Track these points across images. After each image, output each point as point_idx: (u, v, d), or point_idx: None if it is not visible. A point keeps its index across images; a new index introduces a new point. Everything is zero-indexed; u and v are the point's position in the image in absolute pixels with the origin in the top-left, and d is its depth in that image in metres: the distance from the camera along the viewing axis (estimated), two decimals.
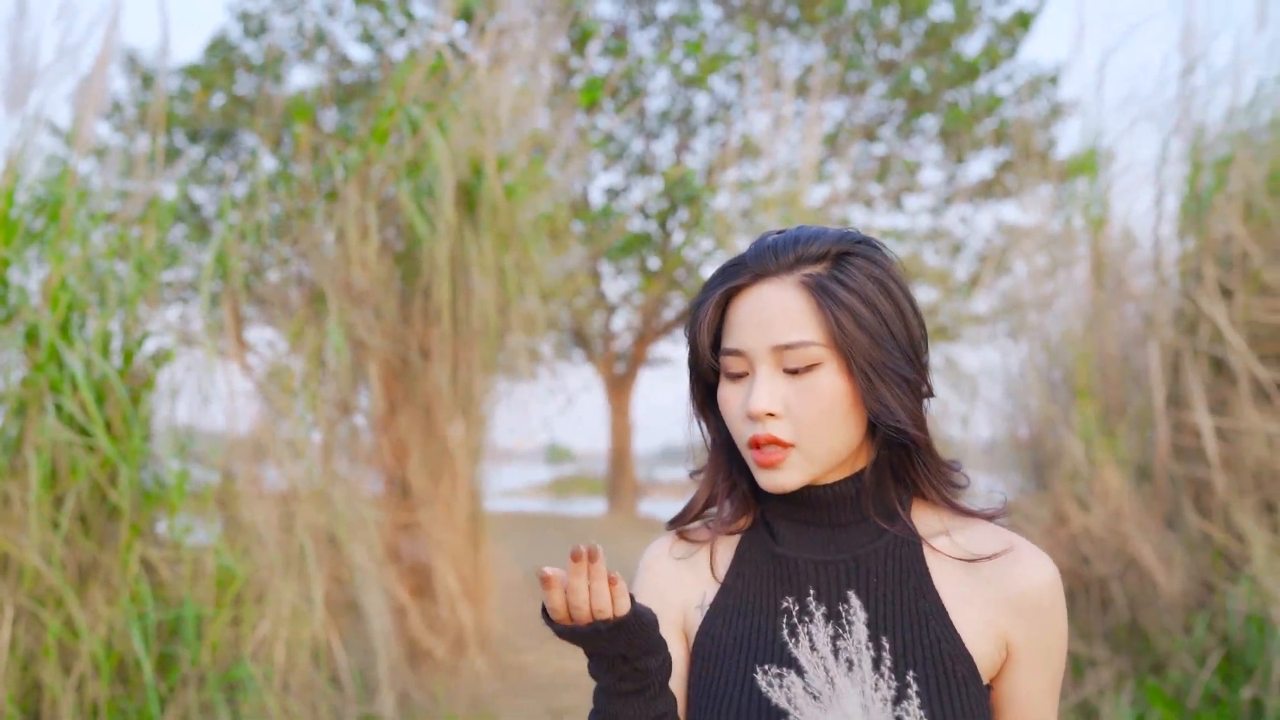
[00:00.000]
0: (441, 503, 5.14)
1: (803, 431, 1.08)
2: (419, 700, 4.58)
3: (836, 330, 1.06)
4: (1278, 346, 4.72)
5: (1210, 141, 5.10)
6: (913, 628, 1.07)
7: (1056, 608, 1.10)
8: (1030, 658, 1.08)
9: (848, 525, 1.13)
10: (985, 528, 1.13)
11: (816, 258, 1.10)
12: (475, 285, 4.93)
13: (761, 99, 7.46)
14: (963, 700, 1.04)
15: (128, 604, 3.37)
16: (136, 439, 3.57)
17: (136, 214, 3.98)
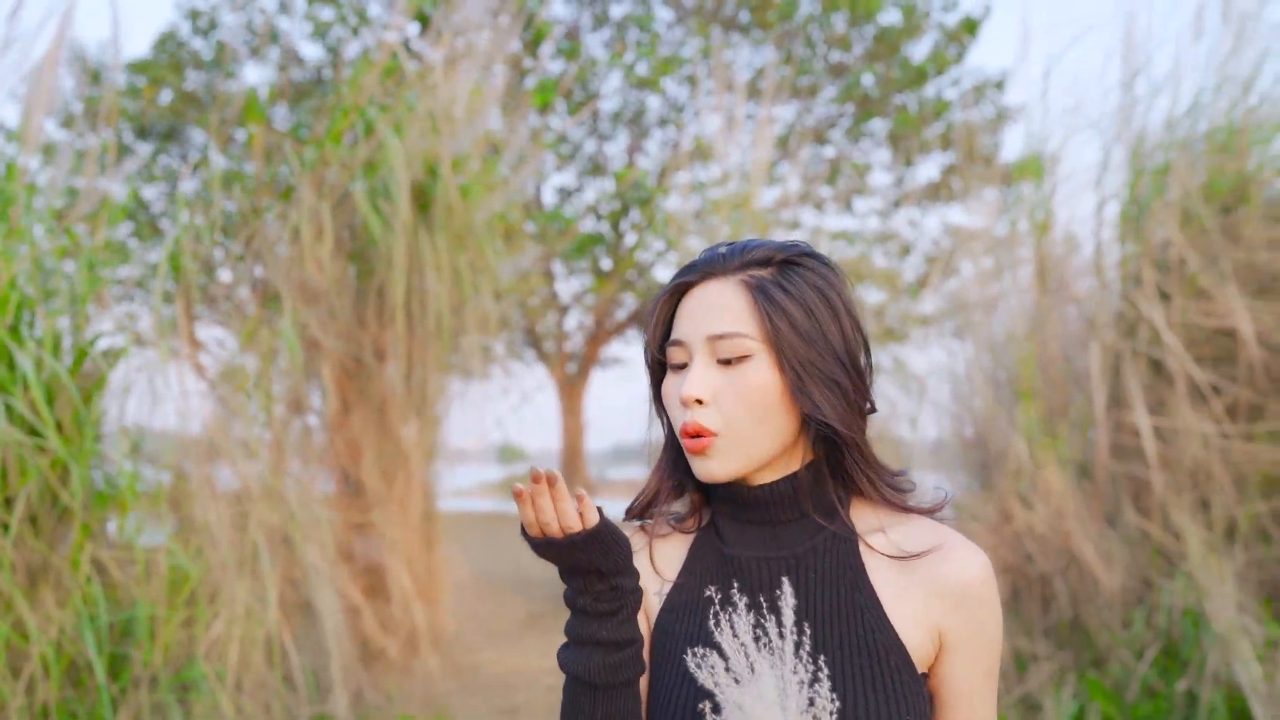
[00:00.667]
0: (395, 502, 5.14)
1: (729, 420, 1.13)
2: (372, 699, 4.58)
3: (770, 326, 1.12)
4: (1213, 349, 4.85)
5: (1150, 149, 5.23)
6: (848, 620, 1.12)
7: (988, 599, 1.14)
8: (963, 647, 1.13)
9: (787, 523, 1.18)
10: (921, 524, 1.18)
11: (762, 261, 1.16)
12: (430, 285, 4.94)
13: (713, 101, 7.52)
14: (896, 688, 1.09)
15: (79, 605, 3.35)
16: (88, 439, 3.55)
17: (86, 212, 3.96)
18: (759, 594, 1.15)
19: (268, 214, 4.80)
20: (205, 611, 3.71)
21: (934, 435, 6.05)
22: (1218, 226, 4.84)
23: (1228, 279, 4.67)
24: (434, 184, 5.01)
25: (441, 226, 4.98)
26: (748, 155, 7.12)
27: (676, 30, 12.44)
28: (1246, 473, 4.65)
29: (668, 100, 12.37)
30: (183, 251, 4.29)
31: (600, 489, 15.88)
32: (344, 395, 5.06)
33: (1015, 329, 5.41)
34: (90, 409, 3.65)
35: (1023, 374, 5.20)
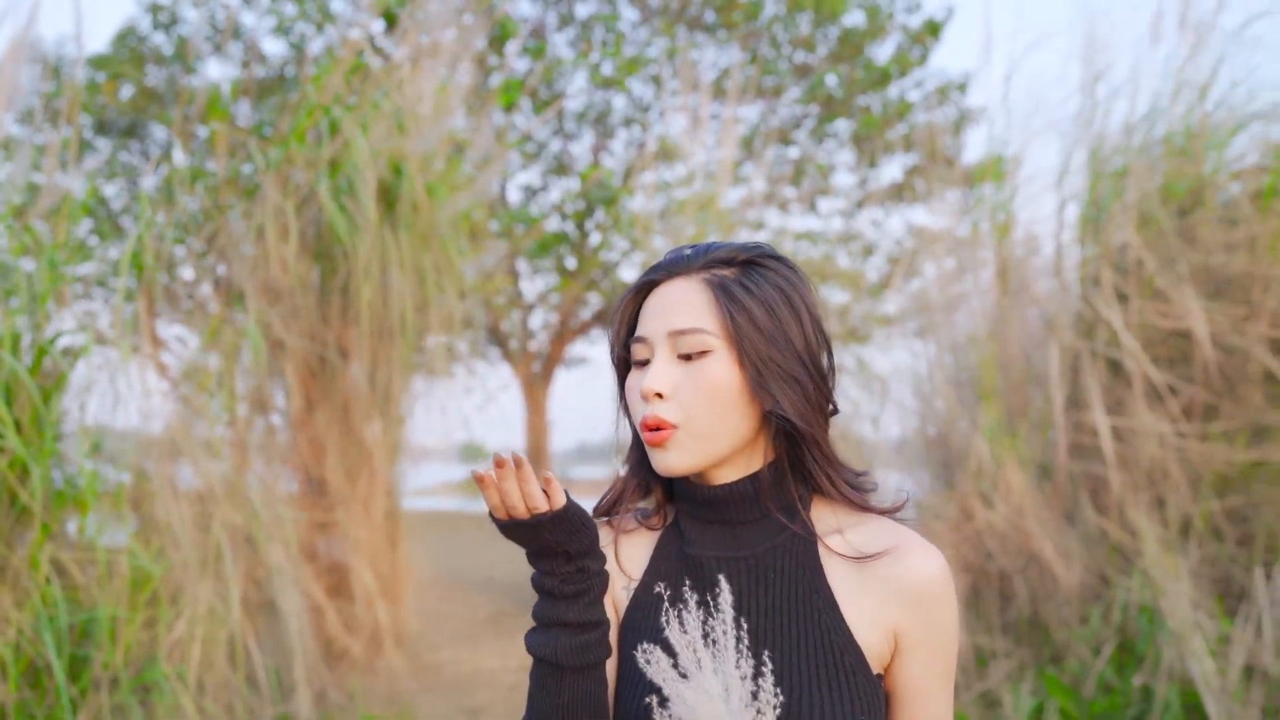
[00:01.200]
0: (358, 501, 5.12)
1: (688, 413, 1.15)
2: (335, 699, 4.57)
3: (730, 323, 1.14)
4: (1170, 350, 4.93)
5: (1109, 153, 5.30)
6: (806, 621, 1.14)
7: (943, 599, 1.15)
8: (919, 647, 1.14)
9: (749, 523, 1.20)
10: (880, 524, 1.20)
11: (726, 261, 1.18)
12: (394, 284, 4.93)
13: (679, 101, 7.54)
14: (851, 688, 1.11)
15: (39, 606, 3.32)
16: (47, 439, 3.51)
17: (47, 209, 3.92)
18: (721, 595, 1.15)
19: (231, 212, 4.77)
20: (167, 612, 3.69)
21: (897, 435, 6.10)
22: (1174, 229, 4.91)
23: (1184, 281, 4.74)
24: (399, 182, 5.00)
25: (406, 225, 4.97)
26: (713, 155, 7.15)
27: (641, 30, 12.46)
28: (1201, 472, 4.72)
29: (633, 100, 12.38)
30: (145, 249, 4.26)
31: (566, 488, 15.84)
32: (308, 394, 5.03)
33: (977, 330, 5.47)
34: (50, 408, 3.61)
35: (984, 374, 5.26)
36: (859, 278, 9.74)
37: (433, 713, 4.92)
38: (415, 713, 4.85)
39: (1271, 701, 4.01)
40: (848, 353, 6.94)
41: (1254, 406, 4.71)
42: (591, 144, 13.02)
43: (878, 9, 11.87)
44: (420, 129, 5.04)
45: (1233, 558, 4.64)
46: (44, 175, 4.30)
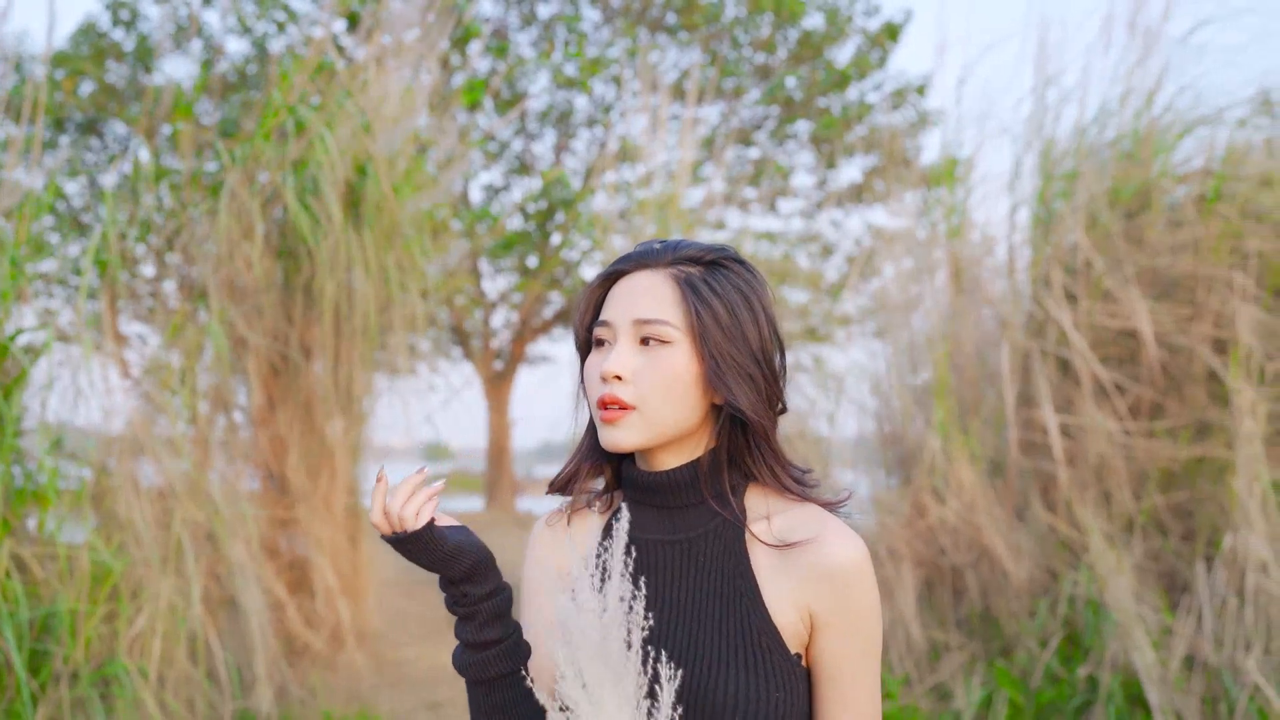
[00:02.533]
0: (320, 499, 5.15)
1: (645, 398, 1.22)
2: (296, 694, 4.59)
3: (694, 318, 1.21)
4: (1118, 349, 5.05)
5: (1059, 156, 5.42)
6: (728, 602, 1.22)
7: (858, 582, 1.21)
8: (834, 627, 1.21)
9: (686, 508, 1.27)
10: (808, 511, 1.26)
11: (693, 259, 1.26)
12: (357, 283, 4.96)
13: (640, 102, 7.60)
14: (766, 667, 1.18)
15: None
16: (8, 435, 3.53)
17: (9, 207, 3.92)
18: (652, 574, 1.25)
19: (195, 210, 4.79)
20: (128, 607, 3.71)
21: (853, 433, 6.20)
22: (1122, 231, 5.04)
23: (1131, 282, 4.87)
24: (363, 182, 5.03)
25: (370, 224, 5.00)
26: (673, 155, 7.21)
27: (604, 30, 12.51)
28: (1147, 468, 4.85)
29: (595, 100, 12.43)
30: (108, 247, 4.27)
31: (528, 487, 15.89)
32: (269, 392, 5.06)
33: (932, 329, 5.57)
34: (10, 404, 3.63)
35: (937, 373, 5.36)
36: (818, 278, 9.85)
37: (394, 708, 4.95)
38: (377, 708, 4.89)
39: (1210, 691, 4.14)
40: (805, 352, 7.03)
41: (1198, 404, 4.84)
42: (554, 144, 13.06)
43: (837, 12, 11.99)
44: (385, 129, 5.07)
45: (1177, 552, 4.77)
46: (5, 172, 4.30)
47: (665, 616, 1.23)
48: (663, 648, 1.21)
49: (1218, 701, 4.11)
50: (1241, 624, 4.15)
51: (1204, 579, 4.34)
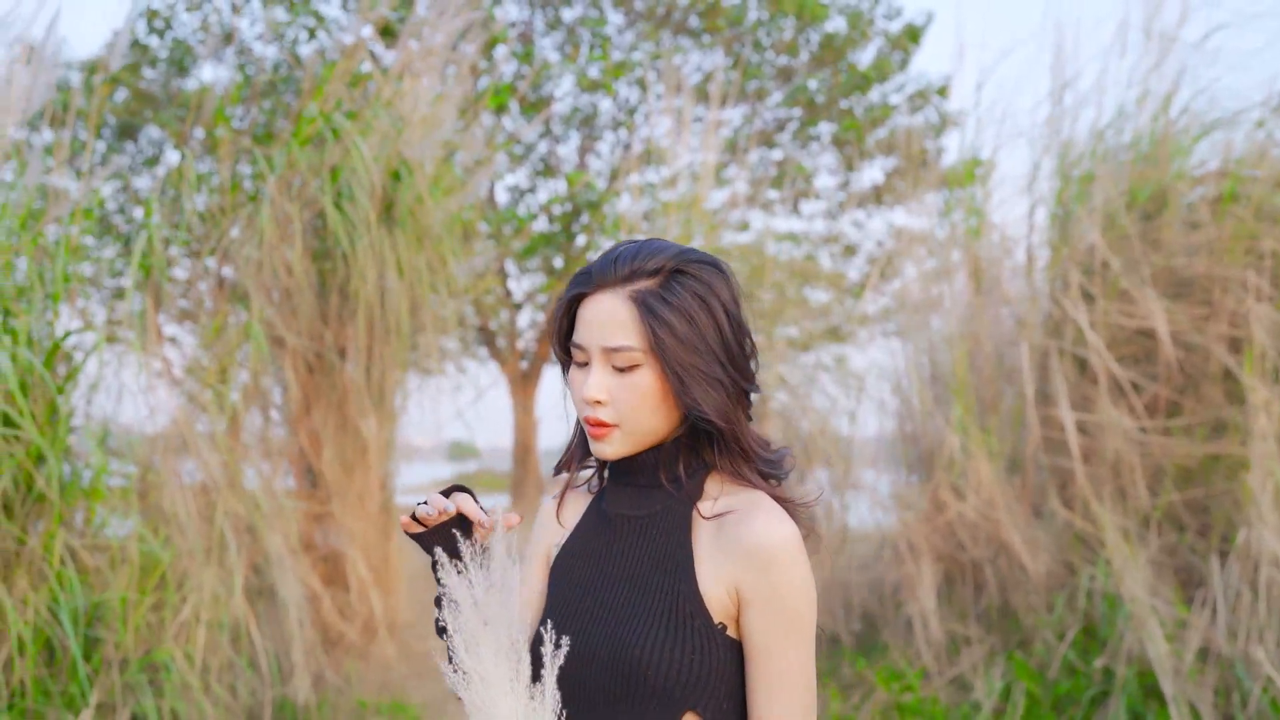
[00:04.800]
0: (354, 494, 5.30)
1: (624, 416, 1.36)
2: (333, 682, 4.74)
3: (653, 339, 1.32)
4: (1134, 348, 5.14)
5: (1076, 158, 5.51)
6: (665, 573, 1.35)
7: (781, 563, 1.31)
8: (757, 604, 1.31)
9: (651, 488, 1.41)
10: (750, 494, 1.38)
11: (650, 273, 1.35)
12: (390, 284, 5.11)
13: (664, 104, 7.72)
14: (686, 631, 1.31)
15: (55, 589, 3.50)
16: (61, 431, 3.69)
17: (59, 214, 4.08)
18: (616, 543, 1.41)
19: (236, 214, 4.94)
20: (174, 596, 3.86)
21: (874, 431, 6.30)
22: (1139, 232, 5.12)
23: (1147, 282, 4.95)
24: (395, 186, 5.18)
25: (403, 227, 5.14)
26: (696, 158, 7.32)
27: (627, 34, 12.63)
28: (1163, 465, 4.93)
29: (619, 103, 12.54)
30: (152, 249, 4.43)
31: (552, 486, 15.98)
32: (305, 391, 5.21)
33: (951, 329, 5.66)
34: (63, 402, 3.79)
35: (956, 371, 5.45)
36: (841, 278, 9.93)
37: (426, 699, 5.09)
38: (408, 698, 5.03)
39: (1224, 682, 4.23)
40: (827, 352, 7.14)
41: (1213, 403, 4.92)
42: (578, 146, 13.18)
43: (859, 15, 12.06)
44: (417, 135, 5.21)
45: (1192, 547, 4.85)
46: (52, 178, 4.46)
47: (612, 581, 1.38)
48: (605, 610, 1.35)
49: (1231, 692, 4.20)
50: (1255, 617, 4.24)
51: (1218, 573, 4.42)
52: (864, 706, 4.83)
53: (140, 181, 11.04)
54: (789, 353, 6.64)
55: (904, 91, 12.48)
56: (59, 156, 4.51)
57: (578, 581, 1.41)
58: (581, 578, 1.41)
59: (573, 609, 1.38)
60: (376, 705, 4.81)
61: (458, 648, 1.25)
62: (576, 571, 1.42)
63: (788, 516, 1.34)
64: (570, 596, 1.40)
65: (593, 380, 1.35)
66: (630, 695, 1.29)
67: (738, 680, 1.33)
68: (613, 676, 1.30)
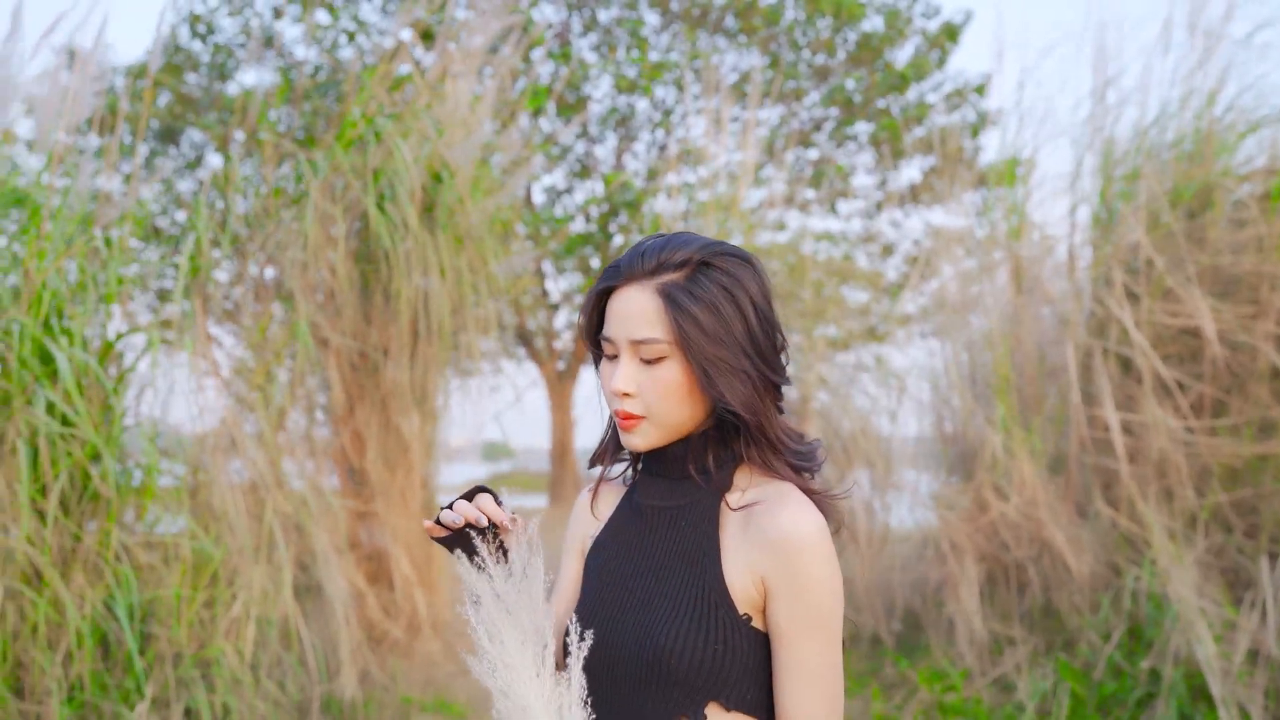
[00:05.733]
0: (396, 493, 5.35)
1: (651, 408, 1.37)
2: (378, 679, 4.79)
3: (679, 332, 1.34)
4: (1179, 347, 5.10)
5: (1119, 157, 5.47)
6: (693, 562, 1.37)
7: (805, 554, 1.31)
8: (781, 594, 1.32)
9: (681, 479, 1.43)
10: (778, 486, 1.39)
11: (677, 265, 1.36)
12: (432, 285, 5.15)
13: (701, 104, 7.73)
14: (711, 621, 1.32)
15: (112, 586, 3.56)
16: (116, 430, 3.75)
17: (111, 218, 4.15)
18: (647, 533, 1.42)
19: (280, 215, 5.00)
20: (225, 592, 3.92)
21: (914, 431, 6.28)
22: (1184, 231, 5.08)
23: (1193, 281, 4.91)
24: (436, 188, 5.22)
25: (444, 228, 5.19)
26: (733, 157, 7.33)
27: (663, 35, 12.65)
28: (1209, 465, 4.89)
29: (655, 103, 12.57)
30: (201, 251, 4.49)
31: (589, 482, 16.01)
32: (349, 390, 5.26)
33: (991, 328, 5.64)
34: (117, 401, 3.85)
35: (998, 371, 5.43)
36: (878, 278, 9.90)
37: (470, 696, 5.13)
38: (453, 696, 5.07)
39: (1274, 684, 4.19)
40: (866, 351, 7.13)
41: (1261, 402, 4.88)
42: (615, 146, 13.22)
43: (896, 14, 12.03)
44: (458, 136, 5.26)
45: (1240, 548, 4.81)
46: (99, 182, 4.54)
47: (642, 571, 1.40)
48: (635, 599, 1.38)
49: None
50: None
51: (1267, 574, 4.38)
52: (906, 706, 4.82)
53: (182, 184, 11.19)
54: (828, 352, 6.64)
55: (941, 90, 12.43)
56: (109, 161, 4.59)
57: (609, 572, 1.43)
58: (613, 568, 1.43)
59: (603, 599, 1.40)
60: (421, 702, 4.85)
61: (481, 638, 1.28)
62: (608, 562, 1.44)
63: (815, 508, 1.35)
64: (601, 586, 1.42)
65: (621, 372, 1.37)
66: (656, 683, 1.32)
67: (763, 671, 1.35)
68: (639, 665, 1.32)
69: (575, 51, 12.13)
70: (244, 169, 6.20)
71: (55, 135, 4.18)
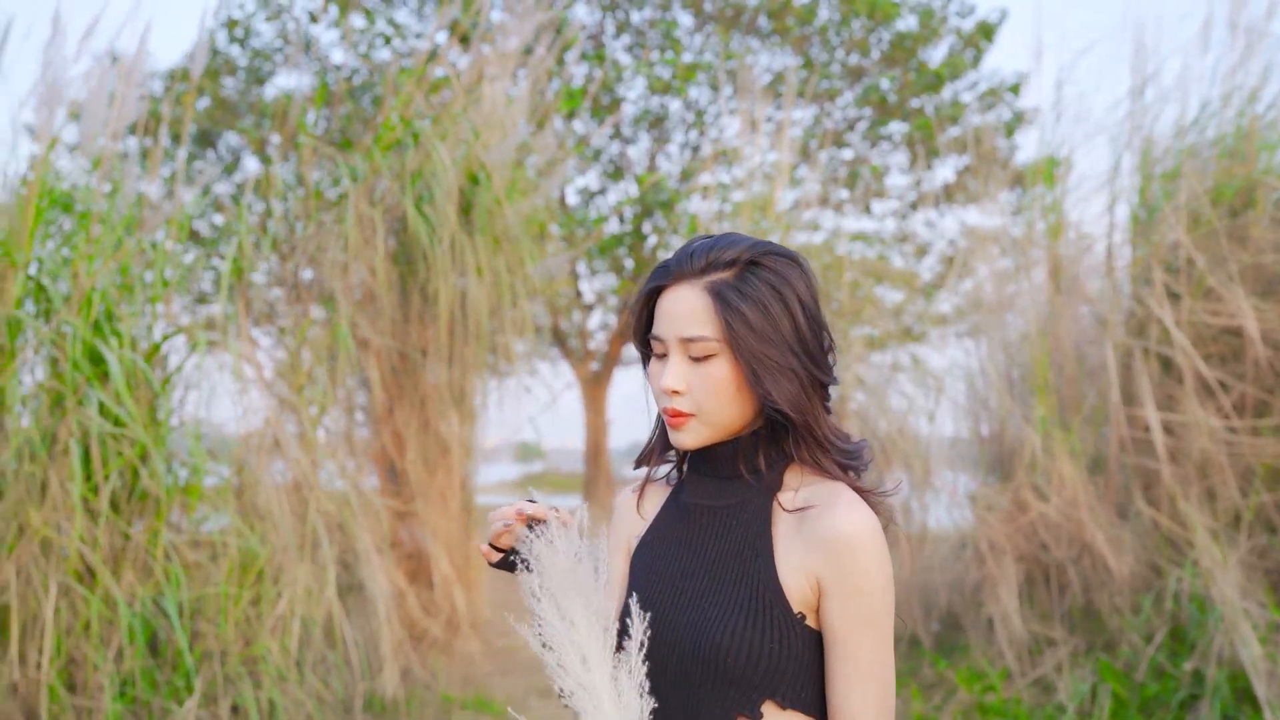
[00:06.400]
0: (436, 493, 5.39)
1: (700, 405, 1.38)
2: (420, 677, 4.83)
3: (728, 330, 1.35)
4: (1220, 347, 5.06)
5: (1159, 155, 5.44)
6: (745, 561, 1.38)
7: (857, 551, 1.32)
8: (835, 593, 1.33)
9: (730, 479, 1.44)
10: (830, 486, 1.39)
11: (727, 264, 1.38)
12: (470, 287, 5.19)
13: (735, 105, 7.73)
14: (766, 619, 1.33)
15: (163, 584, 3.61)
16: (164, 429, 3.81)
17: (158, 222, 4.21)
18: (695, 532, 1.43)
19: (321, 218, 5.05)
20: (270, 590, 3.97)
21: (951, 431, 6.27)
22: (1225, 229, 5.04)
23: (1235, 280, 4.87)
24: (473, 190, 5.26)
25: (482, 230, 5.23)
26: (768, 157, 7.33)
27: (696, 36, 12.66)
28: (1252, 465, 4.85)
29: (689, 104, 12.58)
30: (244, 254, 4.55)
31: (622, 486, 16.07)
32: (389, 391, 5.31)
33: (1029, 328, 5.62)
34: (163, 403, 3.91)
35: (1037, 371, 5.41)
36: (913, 278, 9.87)
37: (509, 694, 5.17)
38: (491, 693, 5.11)
39: None
40: (902, 351, 7.11)
41: None
42: (648, 148, 13.24)
43: (931, 13, 11.98)
44: (495, 139, 5.29)
45: None
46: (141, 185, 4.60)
47: (692, 570, 1.41)
48: (685, 597, 1.38)
49: None
50: None
51: None
52: (946, 707, 4.81)
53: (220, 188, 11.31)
54: (864, 353, 6.63)
55: (976, 89, 12.38)
56: (153, 167, 4.65)
57: (658, 570, 1.44)
58: (662, 567, 1.44)
59: (654, 597, 1.41)
60: (461, 700, 4.89)
61: (548, 614, 1.29)
62: (657, 561, 1.45)
63: (868, 508, 1.36)
64: (651, 584, 1.43)
65: (670, 370, 1.38)
66: (710, 681, 1.33)
67: (817, 668, 1.36)
68: (695, 663, 1.33)
69: (609, 53, 12.16)
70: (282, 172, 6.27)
71: (101, 141, 4.25)
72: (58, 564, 3.49)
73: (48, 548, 3.54)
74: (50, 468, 3.57)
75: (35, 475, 3.59)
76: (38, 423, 3.64)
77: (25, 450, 3.57)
